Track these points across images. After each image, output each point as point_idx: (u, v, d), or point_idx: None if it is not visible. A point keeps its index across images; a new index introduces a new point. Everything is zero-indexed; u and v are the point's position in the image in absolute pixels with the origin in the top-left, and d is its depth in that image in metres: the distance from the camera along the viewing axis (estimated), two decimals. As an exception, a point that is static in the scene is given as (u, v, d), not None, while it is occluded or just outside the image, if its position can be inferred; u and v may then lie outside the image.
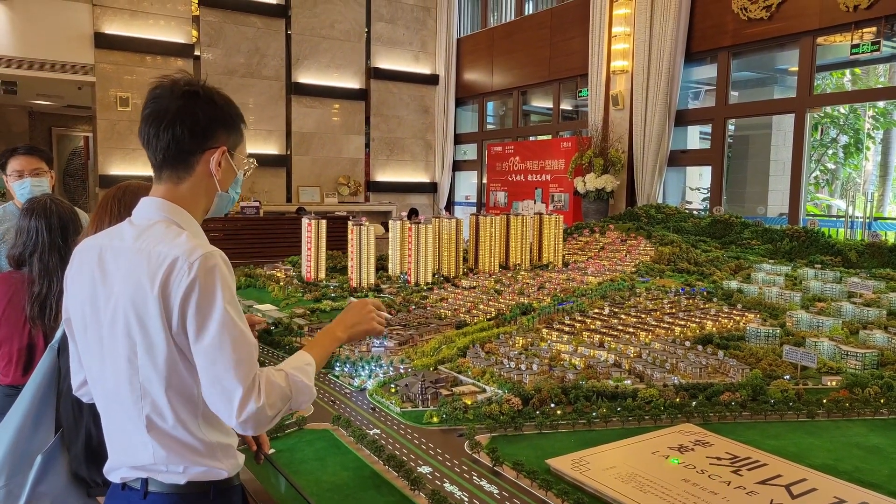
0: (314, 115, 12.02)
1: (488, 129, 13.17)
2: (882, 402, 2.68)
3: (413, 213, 11.12)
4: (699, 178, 10.67)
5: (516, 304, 4.31)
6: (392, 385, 2.85)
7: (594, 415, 2.50)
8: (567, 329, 3.76)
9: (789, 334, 3.63)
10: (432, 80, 13.27)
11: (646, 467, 2.06)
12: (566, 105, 11.51)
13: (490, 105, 13.26)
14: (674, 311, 4.19)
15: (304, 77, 11.82)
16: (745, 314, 4.11)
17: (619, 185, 9.16)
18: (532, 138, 11.97)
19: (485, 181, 12.20)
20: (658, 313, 4.11)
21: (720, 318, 3.99)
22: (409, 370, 3.06)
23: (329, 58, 12.05)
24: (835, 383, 2.91)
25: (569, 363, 3.16)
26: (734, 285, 4.85)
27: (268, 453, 2.00)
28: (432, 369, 3.10)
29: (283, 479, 2.09)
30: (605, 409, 2.53)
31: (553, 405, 2.56)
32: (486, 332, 3.69)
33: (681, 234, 6.69)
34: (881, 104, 12.42)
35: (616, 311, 4.19)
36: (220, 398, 1.39)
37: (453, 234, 5.49)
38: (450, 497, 1.92)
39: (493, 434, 2.38)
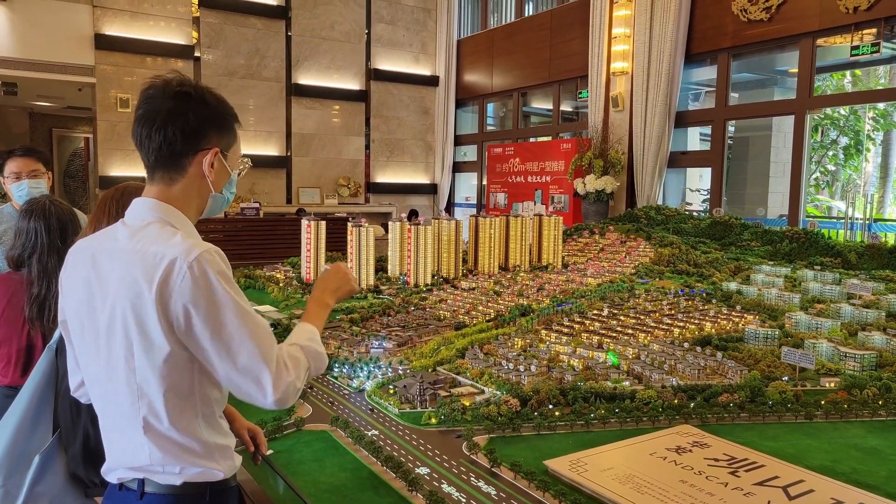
0: (314, 116, 12.03)
1: (488, 130, 13.18)
2: (880, 403, 2.68)
3: (413, 214, 11.12)
4: (699, 179, 10.67)
5: (515, 306, 4.31)
6: (390, 386, 2.85)
7: (592, 416, 2.50)
8: (566, 330, 3.77)
9: (788, 336, 3.63)
10: (432, 81, 13.28)
11: (643, 469, 2.06)
12: (566, 106, 11.52)
13: (490, 106, 13.27)
14: (673, 312, 4.19)
15: (305, 78, 11.83)
16: (744, 315, 4.12)
17: (618, 187, 9.16)
18: (532, 140, 11.98)
19: (485, 182, 12.21)
20: (657, 315, 4.11)
21: (719, 320, 3.99)
22: (408, 371, 3.07)
23: (329, 59, 12.06)
24: (833, 385, 2.91)
25: (567, 364, 3.16)
26: (733, 287, 4.85)
27: (266, 454, 2.00)
28: (431, 370, 3.10)
29: (281, 480, 2.09)
30: (603, 411, 2.53)
31: (551, 406, 2.56)
32: (484, 334, 3.70)
33: (680, 236, 6.70)
34: (881, 106, 12.43)
35: (615, 312, 4.19)
36: (251, 385, 1.43)
37: (453, 236, 5.50)
38: (447, 498, 1.93)
39: (492, 435, 2.39)
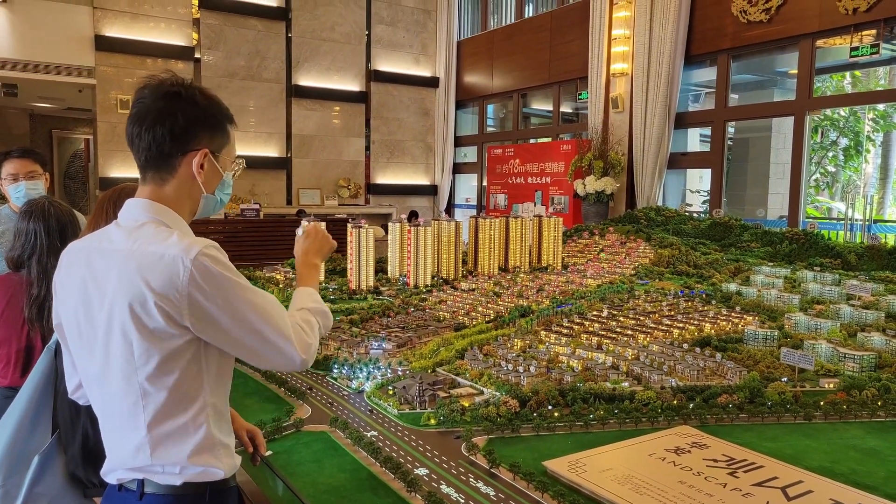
0: (314, 117, 12.03)
1: (488, 131, 13.18)
2: (879, 404, 2.68)
3: (413, 215, 11.09)
4: (699, 180, 10.67)
5: (515, 307, 4.31)
6: (390, 387, 2.85)
7: (591, 417, 2.50)
8: (565, 331, 3.77)
9: (787, 336, 3.64)
10: (432, 82, 13.29)
11: (642, 469, 2.06)
12: (566, 107, 11.53)
13: (490, 107, 13.28)
14: (672, 313, 4.19)
15: (305, 80, 11.84)
16: (744, 316, 4.12)
17: (618, 188, 9.17)
18: (532, 141, 11.98)
19: (485, 184, 12.21)
20: (656, 315, 4.11)
21: (718, 321, 3.99)
22: (407, 372, 3.07)
23: (329, 60, 12.07)
24: (832, 385, 2.91)
25: (567, 365, 3.17)
26: (733, 288, 4.85)
27: (265, 455, 2.00)
28: (430, 371, 3.10)
29: (280, 481, 2.09)
30: (602, 412, 2.53)
31: (550, 407, 2.56)
32: (484, 335, 3.70)
33: (680, 237, 6.70)
34: (881, 107, 12.44)
35: (615, 313, 4.19)
36: (277, 355, 1.52)
37: (452, 237, 5.50)
38: (446, 499, 1.93)
39: (491, 436, 2.39)
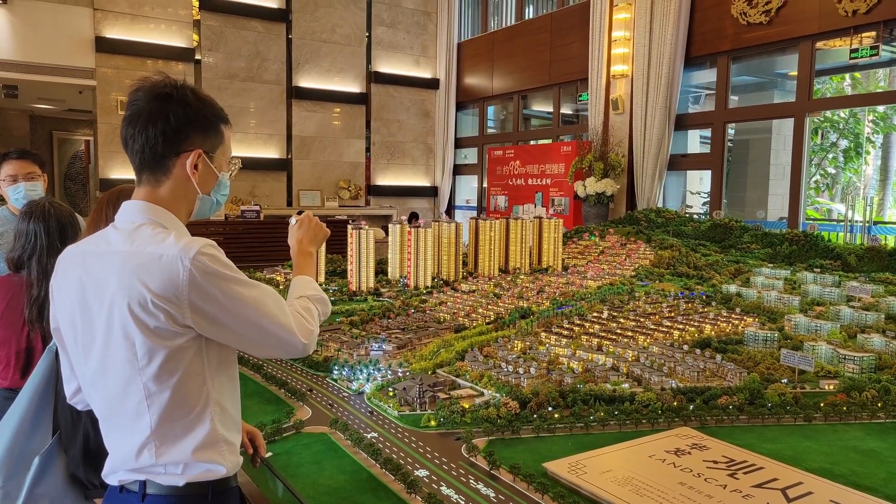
0: (315, 119, 12.04)
1: (489, 133, 13.18)
2: (879, 405, 2.68)
3: (413, 216, 11.10)
4: (699, 182, 10.67)
5: (515, 308, 4.32)
6: (390, 388, 2.85)
7: (591, 418, 2.51)
8: (566, 333, 3.77)
9: (787, 338, 3.64)
10: (433, 84, 13.29)
11: (642, 471, 2.06)
12: (566, 109, 11.53)
13: (490, 109, 13.28)
14: (672, 314, 4.20)
15: (305, 81, 11.84)
16: (744, 318, 4.12)
17: (619, 189, 9.17)
18: (532, 142, 11.98)
19: (485, 185, 12.21)
20: (657, 317, 4.11)
21: (719, 322, 3.99)
22: (408, 374, 3.07)
23: (330, 62, 12.08)
24: (832, 387, 2.91)
25: (567, 367, 3.17)
26: (733, 289, 4.85)
27: (265, 456, 2.00)
28: (430, 373, 3.10)
29: (281, 483, 2.09)
30: (602, 413, 2.53)
31: (550, 409, 2.56)
32: (484, 336, 3.70)
33: (680, 238, 6.70)
34: (881, 108, 12.43)
35: (615, 314, 4.19)
36: (280, 343, 1.54)
37: (453, 238, 5.51)
38: (446, 500, 1.93)
39: (491, 437, 2.39)
